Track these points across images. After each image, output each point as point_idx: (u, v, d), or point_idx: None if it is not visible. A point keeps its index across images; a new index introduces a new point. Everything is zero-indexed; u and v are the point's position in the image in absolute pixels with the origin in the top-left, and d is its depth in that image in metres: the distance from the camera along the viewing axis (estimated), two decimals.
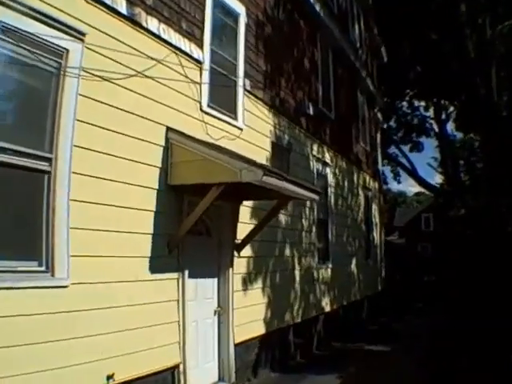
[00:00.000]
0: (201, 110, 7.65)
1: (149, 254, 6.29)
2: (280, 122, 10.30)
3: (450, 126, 64.03)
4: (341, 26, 14.43)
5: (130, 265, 5.99)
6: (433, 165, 29.69)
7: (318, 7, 12.38)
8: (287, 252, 10.47)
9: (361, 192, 16.29)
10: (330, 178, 13.02)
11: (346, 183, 14.55)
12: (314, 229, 11.80)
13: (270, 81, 10.07)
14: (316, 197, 7.76)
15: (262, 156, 9.25)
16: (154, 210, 6.45)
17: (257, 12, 9.74)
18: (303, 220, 11.30)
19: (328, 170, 12.94)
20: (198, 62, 7.73)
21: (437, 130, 29.28)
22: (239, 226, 8.38)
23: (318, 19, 12.73)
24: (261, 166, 6.17)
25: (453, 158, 26.84)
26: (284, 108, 10.57)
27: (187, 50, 7.47)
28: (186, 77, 7.43)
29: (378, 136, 21.50)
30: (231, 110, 8.49)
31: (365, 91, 17.61)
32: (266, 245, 9.47)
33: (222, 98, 8.33)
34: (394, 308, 18.71)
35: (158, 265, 6.39)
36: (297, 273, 10.94)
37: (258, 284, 9.21)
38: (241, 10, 9.07)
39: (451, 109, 28.26)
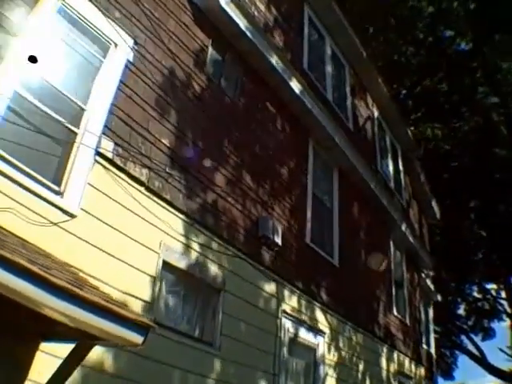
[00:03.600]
0: None
1: None
2: (199, 238, 6.04)
3: None
4: (358, 148, 10.57)
5: None
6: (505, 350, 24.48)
7: (304, 98, 8.69)
8: None
9: (395, 381, 10.92)
10: (324, 353, 8.10)
11: (361, 365, 9.47)
12: None
13: (182, 167, 6.04)
14: (139, 339, 3.22)
15: (128, 282, 4.89)
16: None
17: (162, 51, 6.10)
18: None
19: (320, 340, 8.13)
20: None
21: (509, 311, 25.37)
22: None
23: (312, 119, 9.03)
24: None
25: None
26: (215, 220, 6.36)
27: None
28: None
29: (430, 311, 16.36)
30: (53, 178, 4.46)
31: (403, 246, 13.03)
32: None
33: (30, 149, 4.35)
34: None
35: None
36: None
37: None
38: (118, 38, 5.44)
39: None
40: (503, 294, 26.34)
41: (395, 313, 11.64)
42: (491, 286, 26.71)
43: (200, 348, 5.67)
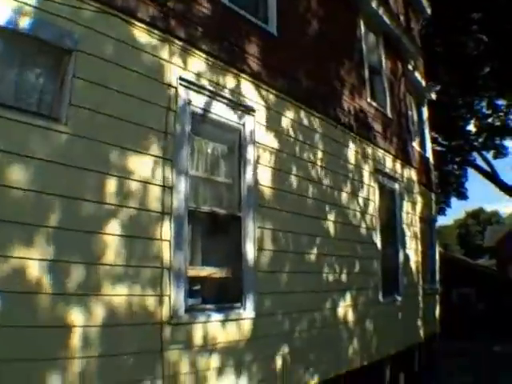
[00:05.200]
0: None
1: None
2: None
3: None
4: None
5: None
6: None
7: None
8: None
9: (371, 180, 9.33)
10: (253, 136, 6.37)
11: (319, 157, 7.80)
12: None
13: None
14: None
15: None
16: None
17: None
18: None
19: (248, 119, 6.38)
20: None
21: None
22: None
23: None
24: None
25: None
26: None
27: None
28: None
29: (424, 111, 14.51)
30: None
31: (379, 29, 10.83)
32: None
33: None
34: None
35: None
36: None
37: None
38: None
39: None
40: None
41: (369, 100, 9.77)
42: (502, 102, 25.14)
43: (37, 124, 4.00)
